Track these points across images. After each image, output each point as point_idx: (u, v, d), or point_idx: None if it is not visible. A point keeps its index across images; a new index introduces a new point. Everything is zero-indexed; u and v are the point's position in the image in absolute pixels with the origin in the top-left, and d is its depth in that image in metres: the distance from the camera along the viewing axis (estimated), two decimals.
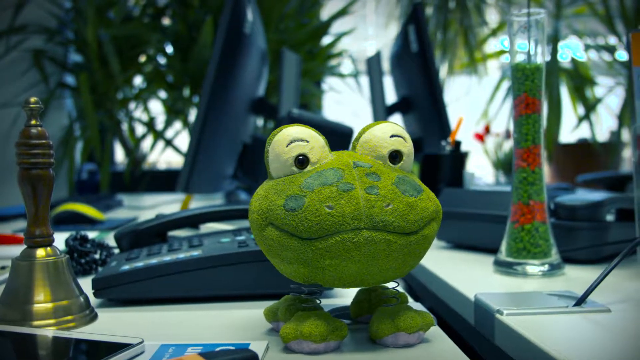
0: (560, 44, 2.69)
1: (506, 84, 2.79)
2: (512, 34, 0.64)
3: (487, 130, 2.74)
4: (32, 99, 0.50)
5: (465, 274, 0.68)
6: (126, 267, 0.56)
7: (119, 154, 2.98)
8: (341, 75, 2.64)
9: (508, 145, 2.75)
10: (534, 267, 0.63)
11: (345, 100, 2.72)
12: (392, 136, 0.44)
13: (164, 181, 2.48)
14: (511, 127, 0.66)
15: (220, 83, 1.04)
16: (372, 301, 0.47)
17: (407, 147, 0.44)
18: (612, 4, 2.65)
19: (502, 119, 2.79)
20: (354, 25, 2.67)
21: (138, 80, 2.62)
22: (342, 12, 2.44)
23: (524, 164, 0.64)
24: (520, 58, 0.64)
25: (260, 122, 2.14)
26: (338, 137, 0.95)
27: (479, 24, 2.70)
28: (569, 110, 2.75)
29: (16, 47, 2.35)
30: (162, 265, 0.55)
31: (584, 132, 2.77)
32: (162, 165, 2.92)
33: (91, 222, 1.16)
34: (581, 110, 2.74)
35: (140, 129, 2.59)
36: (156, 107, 2.63)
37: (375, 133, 0.45)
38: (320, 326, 0.41)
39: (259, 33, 1.22)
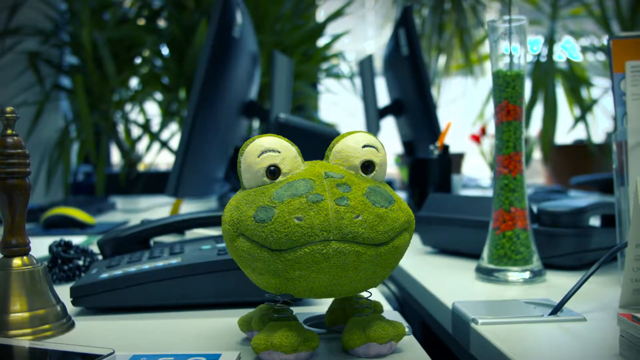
0: (557, 45, 2.69)
1: None
2: (493, 40, 0.64)
3: (483, 131, 2.74)
4: (9, 109, 0.50)
5: (447, 280, 0.68)
6: (104, 275, 0.56)
7: (115, 156, 2.98)
8: (337, 77, 2.64)
9: None
10: (515, 274, 0.63)
11: (341, 102, 2.73)
12: (364, 146, 0.44)
13: (160, 183, 2.48)
14: None
15: (209, 87, 1.04)
16: (346, 310, 0.47)
17: (379, 157, 0.44)
18: (608, 5, 2.65)
19: None
20: (354, 25, 2.68)
21: (134, 82, 2.63)
22: (338, 14, 2.44)
23: (505, 170, 0.64)
24: (502, 64, 0.64)
25: (257, 124, 2.15)
26: (325, 141, 0.94)
27: (475, 25, 2.70)
28: (565, 111, 2.75)
29: (11, 49, 2.35)
30: (140, 274, 0.56)
31: (580, 133, 2.77)
32: (163, 167, 2.91)
33: (81, 226, 1.16)
34: (577, 111, 2.74)
35: (136, 131, 2.59)
36: (152, 109, 2.63)
37: (347, 143, 0.44)
38: (291, 337, 0.41)
39: (249, 36, 1.22)
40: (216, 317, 0.54)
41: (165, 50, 2.48)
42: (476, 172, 2.80)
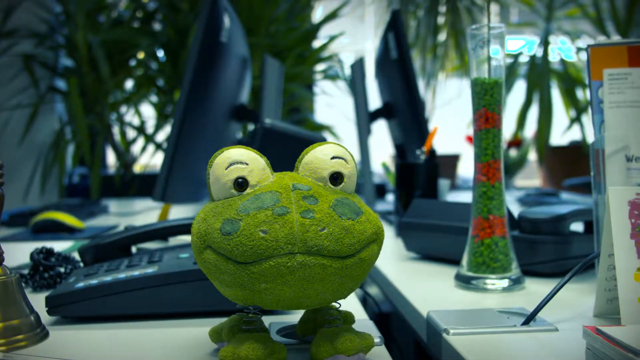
0: (551, 47, 2.69)
1: None
2: (472, 48, 0.64)
3: None
4: None
5: (426, 287, 0.68)
6: (80, 284, 0.56)
7: (111, 158, 2.98)
8: (332, 78, 2.64)
9: None
10: (493, 283, 0.63)
11: (337, 103, 2.72)
12: (333, 158, 0.44)
13: (155, 185, 2.48)
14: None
15: (197, 92, 1.04)
16: (317, 321, 0.47)
17: (348, 169, 0.44)
18: (604, 6, 2.65)
19: None
20: (353, 25, 2.67)
21: (129, 84, 2.63)
22: (333, 15, 2.44)
23: (484, 178, 0.64)
24: (480, 72, 0.64)
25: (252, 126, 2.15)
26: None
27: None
28: (561, 112, 2.75)
29: (6, 51, 2.35)
30: (115, 283, 0.56)
31: (575, 134, 2.77)
32: (158, 169, 2.91)
33: (70, 231, 1.16)
34: (572, 112, 2.74)
35: (131, 133, 2.59)
36: (148, 111, 2.63)
37: (316, 155, 0.44)
38: (257, 349, 0.41)
39: (238, 39, 1.22)
40: (192, 327, 0.54)
41: (160, 53, 2.48)
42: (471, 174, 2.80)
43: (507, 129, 2.75)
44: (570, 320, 0.52)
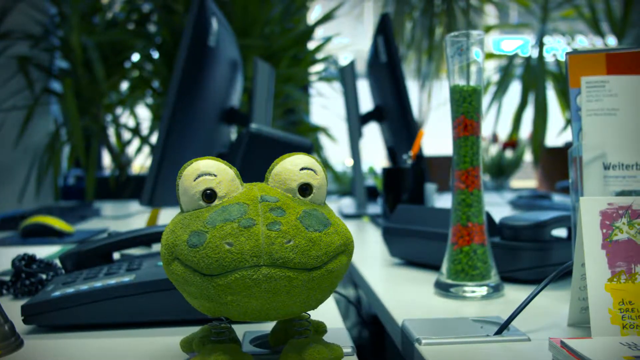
0: (547, 47, 2.68)
1: (492, 88, 2.78)
2: (450, 55, 0.64)
3: None
4: None
5: (406, 294, 0.68)
6: (57, 293, 0.56)
7: (107, 160, 2.98)
8: (328, 80, 2.64)
9: (494, 149, 2.75)
10: (471, 290, 0.63)
11: (333, 105, 2.72)
12: (302, 169, 0.44)
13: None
14: (497, 131, 0.66)
15: (184, 97, 1.04)
16: (288, 331, 0.47)
17: (317, 180, 0.44)
18: (599, 7, 2.65)
19: (488, 123, 2.79)
20: (352, 26, 2.67)
21: (125, 86, 2.63)
22: (327, 17, 2.44)
23: (463, 185, 0.64)
24: (459, 79, 0.64)
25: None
26: (296, 151, 0.94)
27: (466, 27, 2.69)
28: (556, 113, 2.75)
29: (1, 53, 2.35)
30: (91, 292, 0.56)
31: (571, 135, 2.77)
32: None
33: (59, 235, 1.16)
34: (568, 113, 2.73)
35: (127, 135, 2.60)
36: (143, 112, 2.63)
37: (285, 166, 0.45)
38: None
39: (227, 43, 1.22)
40: (166, 336, 0.54)
41: (155, 54, 2.48)
42: None
43: (503, 130, 2.75)
44: (544, 330, 0.52)
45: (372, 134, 1.71)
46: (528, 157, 2.81)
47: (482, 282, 0.63)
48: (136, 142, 2.54)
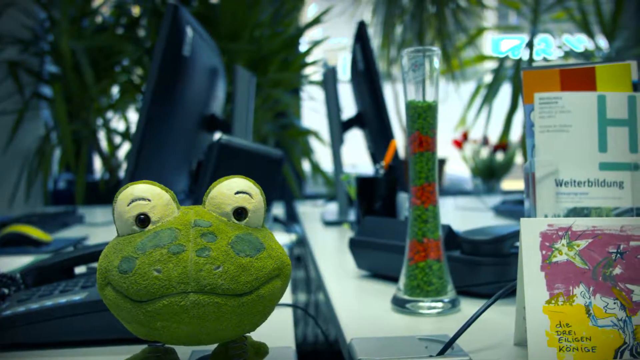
0: (537, 49, 2.68)
1: (483, 91, 2.78)
2: (404, 71, 0.64)
3: (465, 137, 2.74)
4: None
5: (364, 310, 0.68)
6: (8, 312, 0.57)
7: (98, 164, 2.98)
8: (318, 83, 2.64)
9: (486, 152, 2.75)
10: (426, 306, 0.63)
11: (323, 108, 2.72)
12: (237, 193, 0.44)
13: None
14: (488, 134, 0.66)
15: (158, 108, 1.04)
16: (228, 353, 0.47)
17: (253, 203, 0.45)
18: (590, 9, 2.65)
19: (479, 125, 2.79)
20: (351, 25, 2.66)
21: (116, 90, 2.63)
22: (316, 21, 2.44)
23: (418, 202, 0.64)
24: (413, 95, 0.64)
25: None
26: (267, 162, 0.95)
27: (457, 31, 2.69)
28: None
29: None
30: (41, 311, 0.56)
31: None
32: None
33: (36, 244, 1.17)
34: None
35: (117, 139, 2.60)
36: (134, 117, 2.63)
37: (221, 189, 0.45)
38: None
39: (204, 51, 1.22)
40: (114, 355, 0.54)
41: (146, 59, 2.48)
42: (456, 176, 2.80)
43: (494, 132, 2.75)
44: (490, 349, 0.52)
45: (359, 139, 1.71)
46: (519, 159, 2.81)
47: (438, 297, 0.63)
48: (127, 146, 2.54)
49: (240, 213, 0.44)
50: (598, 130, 0.60)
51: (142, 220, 0.43)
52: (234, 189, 0.44)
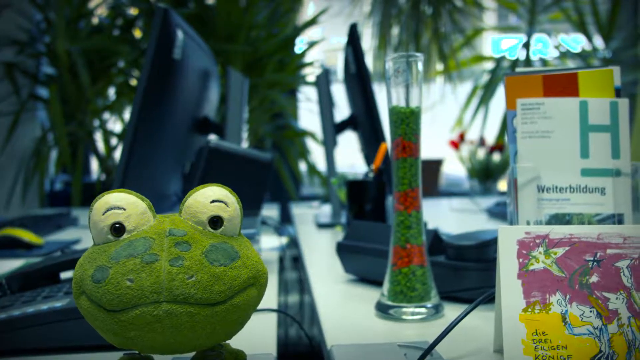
0: (533, 50, 2.68)
1: (480, 92, 2.78)
2: (388, 77, 0.64)
3: (462, 138, 2.74)
4: None
5: (348, 315, 0.68)
6: None
7: (95, 165, 2.99)
8: (315, 84, 2.64)
9: (482, 152, 2.75)
10: (409, 312, 0.63)
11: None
12: (213, 201, 0.44)
13: None
14: (485, 135, 0.66)
15: (148, 111, 1.04)
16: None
17: (228, 212, 0.45)
18: (586, 10, 2.65)
19: (477, 126, 2.79)
20: (346, 28, 2.67)
21: (112, 91, 2.64)
22: (312, 22, 2.44)
23: (402, 207, 0.64)
24: (396, 100, 0.64)
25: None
26: (257, 166, 0.95)
27: (454, 32, 2.69)
28: None
29: None
30: (23, 318, 0.56)
31: None
32: None
33: (28, 247, 1.17)
34: None
35: (114, 140, 2.60)
36: None
37: (196, 198, 0.45)
38: None
39: (195, 54, 1.22)
40: None
41: (141, 60, 2.49)
42: (453, 177, 2.80)
43: (490, 133, 2.75)
44: (469, 356, 0.52)
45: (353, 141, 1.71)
46: None
47: (421, 303, 0.63)
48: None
49: (215, 222, 0.44)
50: (580, 136, 0.60)
51: (117, 229, 0.43)
52: (209, 198, 0.44)
